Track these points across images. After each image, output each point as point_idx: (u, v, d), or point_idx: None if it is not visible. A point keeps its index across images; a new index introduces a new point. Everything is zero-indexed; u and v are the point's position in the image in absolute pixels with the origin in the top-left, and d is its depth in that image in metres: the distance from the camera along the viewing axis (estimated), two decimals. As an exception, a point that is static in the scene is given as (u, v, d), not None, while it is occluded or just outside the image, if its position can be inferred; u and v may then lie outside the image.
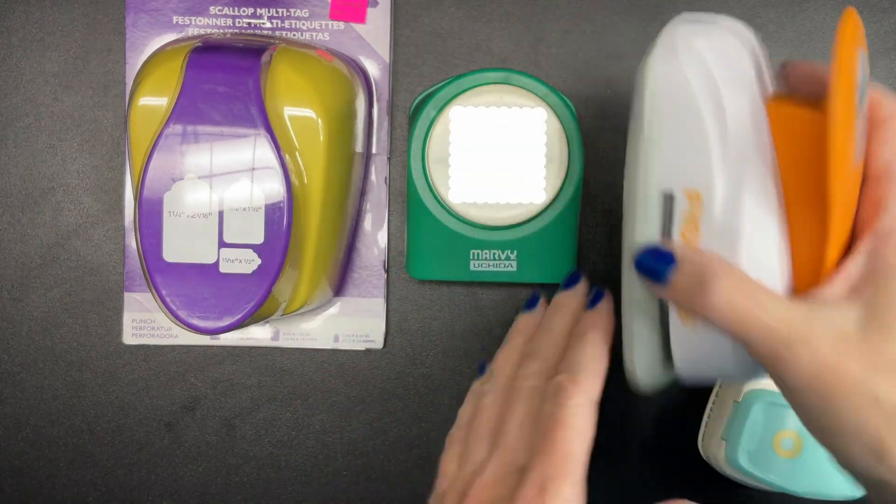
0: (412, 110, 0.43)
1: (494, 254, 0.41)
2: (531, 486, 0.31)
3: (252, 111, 0.36)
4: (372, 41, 0.43)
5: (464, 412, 0.37)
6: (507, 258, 0.41)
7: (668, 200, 0.30)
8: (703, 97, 0.29)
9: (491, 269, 0.41)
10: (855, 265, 0.27)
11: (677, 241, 0.30)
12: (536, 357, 0.35)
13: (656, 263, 0.30)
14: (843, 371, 0.25)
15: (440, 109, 0.40)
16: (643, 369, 0.33)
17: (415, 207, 0.41)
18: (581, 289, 0.38)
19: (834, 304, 0.27)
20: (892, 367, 0.25)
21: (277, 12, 0.43)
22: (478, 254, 0.41)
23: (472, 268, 0.41)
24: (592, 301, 0.36)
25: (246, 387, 0.45)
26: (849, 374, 0.25)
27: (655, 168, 0.30)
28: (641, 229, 0.31)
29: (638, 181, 0.31)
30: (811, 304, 0.27)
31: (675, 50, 0.29)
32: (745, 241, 0.28)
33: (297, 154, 0.38)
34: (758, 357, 0.28)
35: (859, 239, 0.28)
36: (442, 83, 0.41)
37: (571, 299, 0.37)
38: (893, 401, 0.25)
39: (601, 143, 0.45)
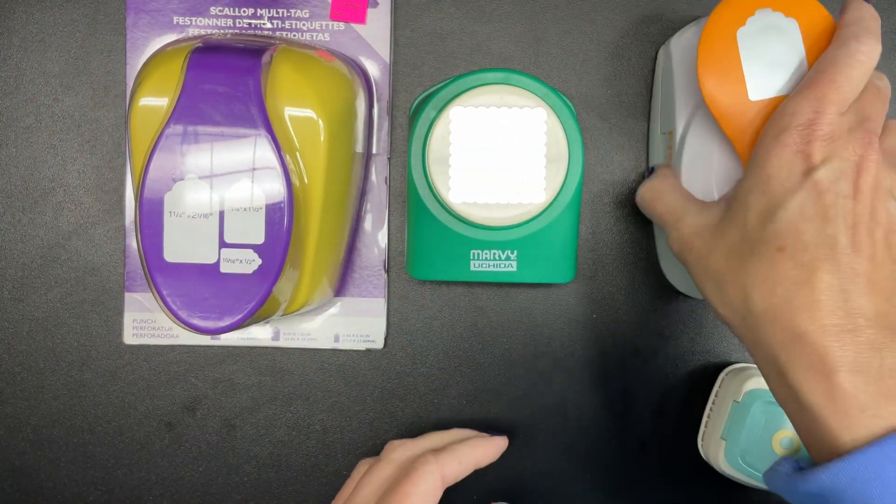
0: (412, 110, 0.43)
1: (494, 254, 0.41)
2: None
3: (252, 111, 0.36)
4: (372, 41, 0.44)
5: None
6: (507, 258, 0.41)
7: (664, 137, 0.42)
8: (677, 73, 0.40)
9: (491, 269, 0.41)
10: (743, 176, 0.35)
11: (662, 163, 0.42)
12: (417, 444, 0.40)
13: (647, 173, 0.42)
14: (693, 249, 0.36)
15: (440, 110, 0.40)
16: (673, 277, 0.44)
17: (415, 207, 0.41)
18: (484, 435, 0.42)
19: (714, 204, 0.37)
20: (724, 248, 0.34)
21: (278, 13, 0.43)
22: (478, 254, 0.41)
23: (472, 268, 0.41)
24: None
25: (246, 387, 0.45)
26: (696, 251, 0.36)
27: (658, 116, 0.44)
28: (654, 157, 0.44)
29: (652, 126, 0.45)
30: (703, 204, 0.37)
31: (669, 42, 0.42)
32: (685, 159, 0.39)
33: (297, 154, 0.38)
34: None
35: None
36: (442, 83, 0.41)
37: (472, 432, 0.42)
38: (716, 271, 0.35)
39: (601, 143, 0.45)
